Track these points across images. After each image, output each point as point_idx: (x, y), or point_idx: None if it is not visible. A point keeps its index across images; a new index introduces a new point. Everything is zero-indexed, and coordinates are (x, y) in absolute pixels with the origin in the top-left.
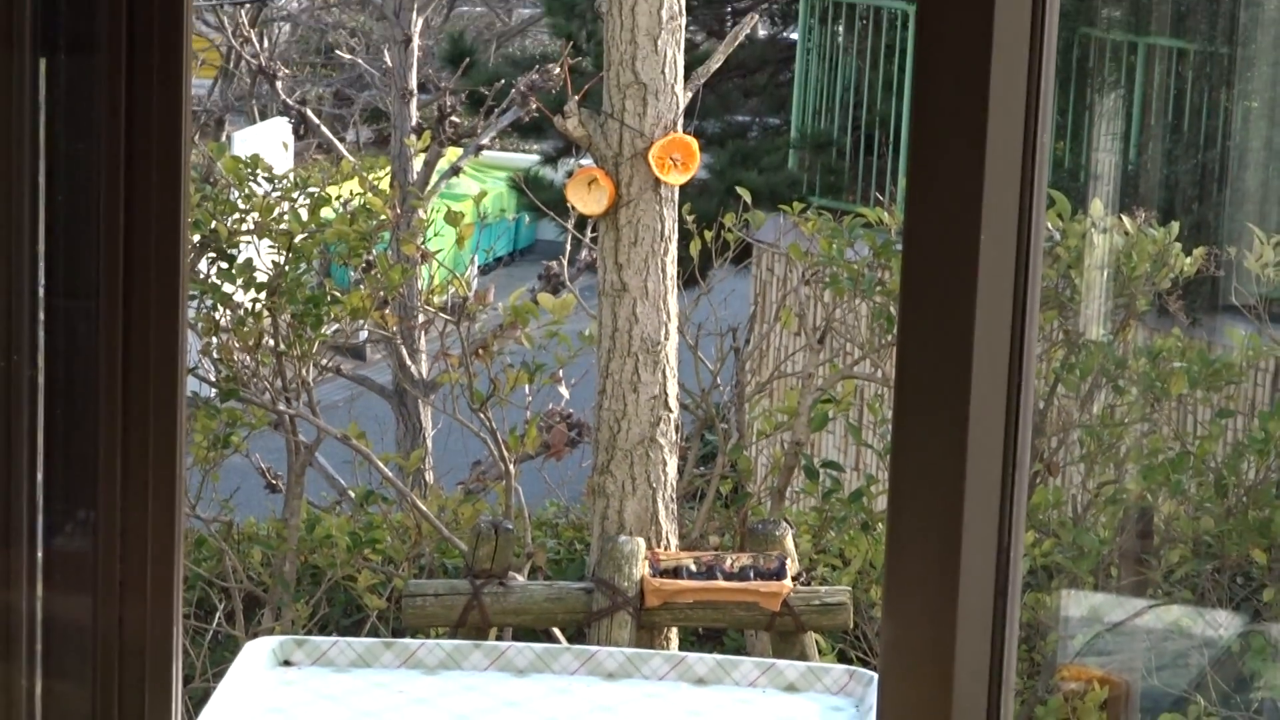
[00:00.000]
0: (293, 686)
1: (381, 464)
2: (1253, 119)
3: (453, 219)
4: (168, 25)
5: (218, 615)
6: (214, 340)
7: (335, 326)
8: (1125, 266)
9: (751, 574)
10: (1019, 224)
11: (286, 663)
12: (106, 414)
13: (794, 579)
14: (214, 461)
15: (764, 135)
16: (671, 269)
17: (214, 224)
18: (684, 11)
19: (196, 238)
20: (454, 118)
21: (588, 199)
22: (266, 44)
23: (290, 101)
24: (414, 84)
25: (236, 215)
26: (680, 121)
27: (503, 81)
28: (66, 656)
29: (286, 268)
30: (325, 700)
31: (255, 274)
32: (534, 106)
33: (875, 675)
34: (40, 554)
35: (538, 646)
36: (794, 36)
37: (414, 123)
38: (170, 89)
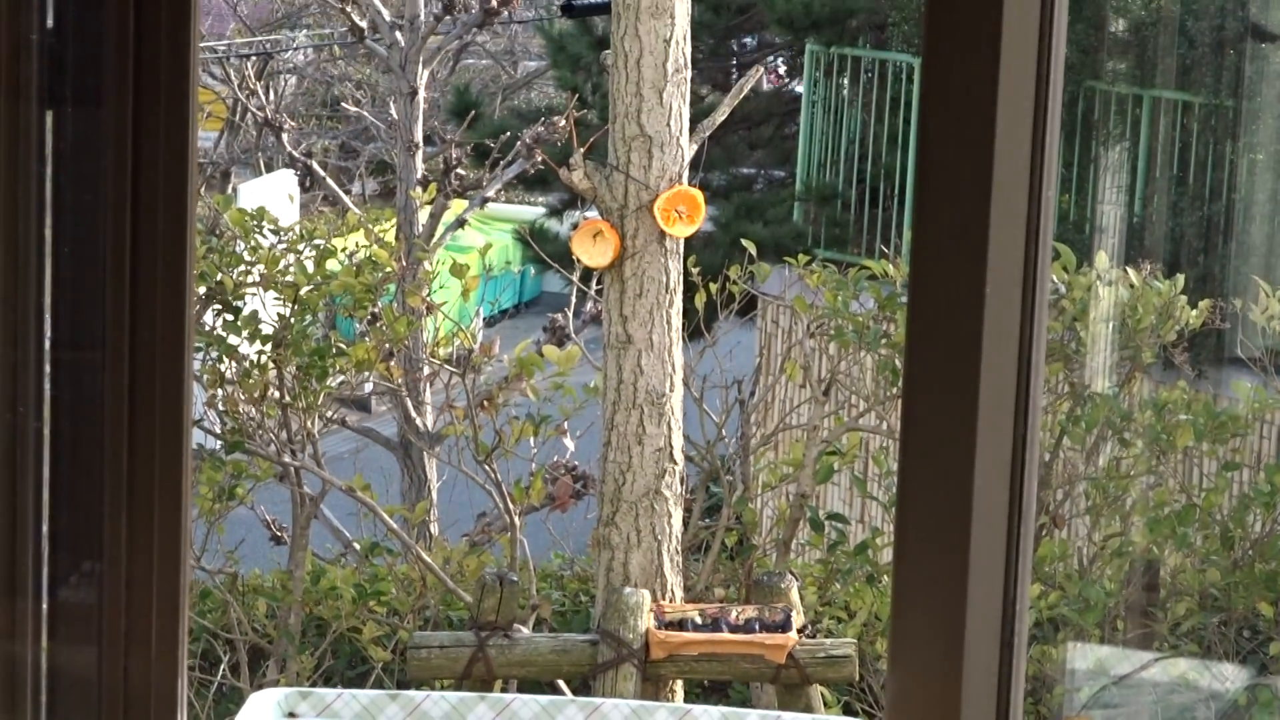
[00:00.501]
0: None
1: (386, 516)
2: (1258, 172)
3: (458, 271)
4: (173, 78)
5: (222, 667)
6: (219, 392)
7: (340, 378)
8: (1130, 319)
9: (757, 626)
10: (1024, 276)
11: (291, 715)
12: (112, 466)
13: (799, 631)
14: (219, 513)
15: (769, 188)
16: (676, 321)
17: (220, 276)
18: (689, 64)
19: (202, 290)
20: (459, 170)
21: (593, 251)
22: (272, 96)
23: (296, 154)
24: (419, 136)
25: (242, 267)
26: (685, 174)
27: (508, 134)
28: (72, 708)
29: (292, 320)
30: None
31: (261, 326)
32: (539, 159)
33: None
34: (46, 605)
35: (543, 699)
36: (799, 89)
37: (419, 175)
38: (176, 141)
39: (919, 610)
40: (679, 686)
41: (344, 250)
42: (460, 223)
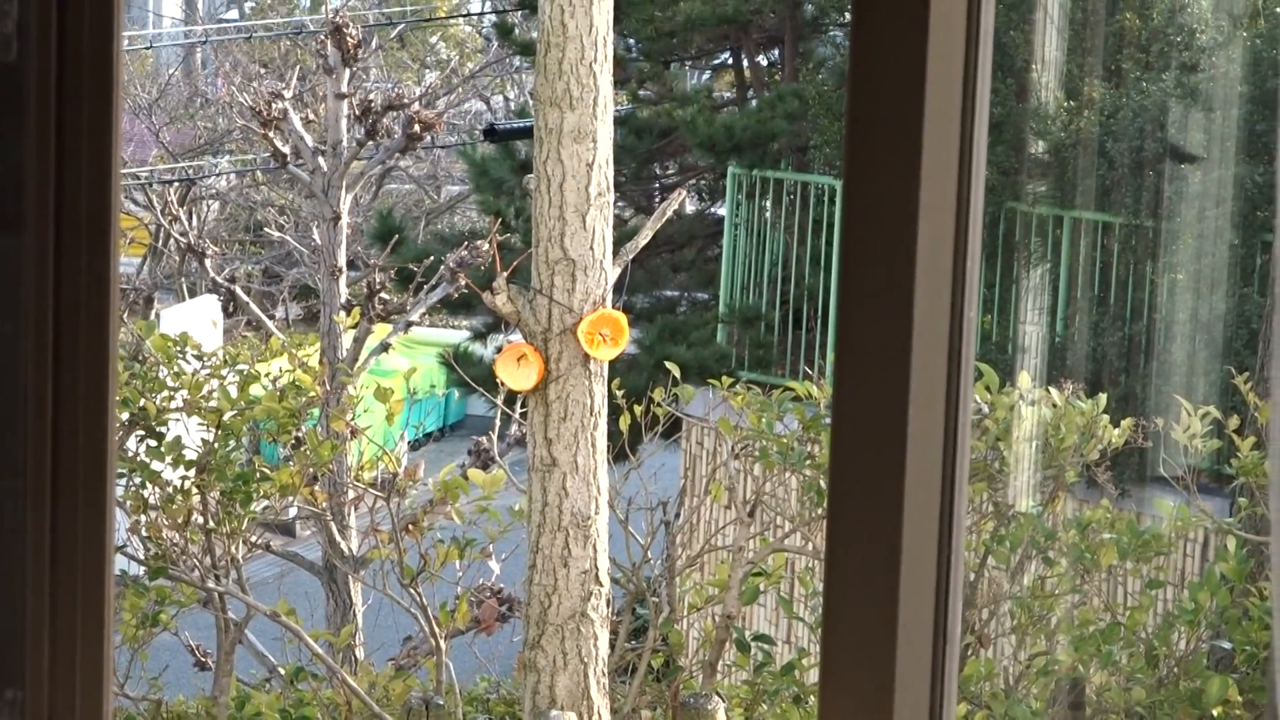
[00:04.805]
0: None
1: (311, 640)
2: (1178, 291)
3: (382, 395)
4: (95, 205)
5: None
6: (143, 518)
7: (265, 503)
8: (1054, 438)
9: None
10: (946, 396)
11: None
12: (34, 594)
13: None
14: (143, 640)
15: (693, 310)
16: (601, 444)
17: (143, 402)
18: (611, 188)
19: (125, 415)
20: (383, 294)
21: (517, 375)
22: (195, 222)
23: (219, 279)
24: (343, 261)
25: (165, 393)
26: (609, 297)
27: (432, 258)
28: None
29: (216, 445)
30: None
31: (184, 451)
32: (463, 283)
33: None
34: None
35: None
36: (722, 212)
37: (343, 299)
38: (97, 268)
39: None
40: None
41: (268, 375)
42: (384, 347)
